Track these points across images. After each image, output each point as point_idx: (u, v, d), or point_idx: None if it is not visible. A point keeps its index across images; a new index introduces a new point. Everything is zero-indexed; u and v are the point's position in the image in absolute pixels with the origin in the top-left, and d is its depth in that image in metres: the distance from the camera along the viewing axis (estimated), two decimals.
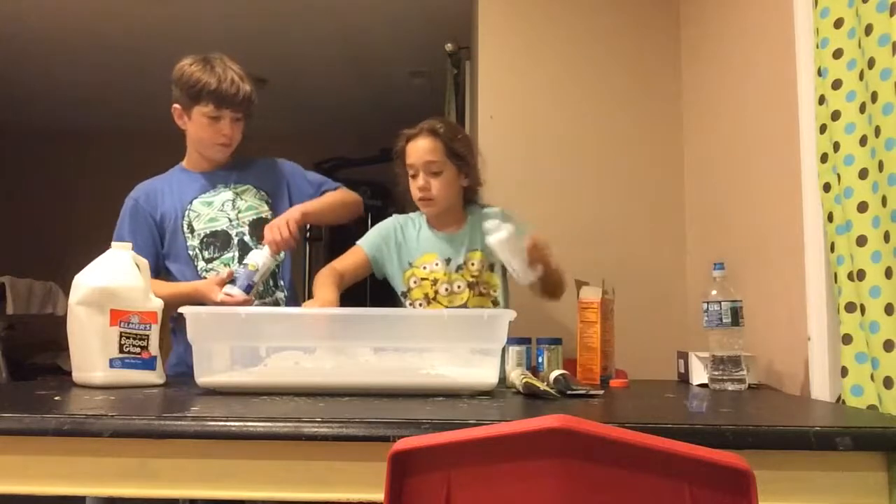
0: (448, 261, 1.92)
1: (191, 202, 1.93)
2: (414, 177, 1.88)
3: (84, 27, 3.67)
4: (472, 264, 1.92)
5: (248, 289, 1.73)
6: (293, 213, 1.84)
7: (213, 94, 1.85)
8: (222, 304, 1.70)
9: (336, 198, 2.01)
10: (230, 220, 1.92)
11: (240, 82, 1.88)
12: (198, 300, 1.72)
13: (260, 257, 1.77)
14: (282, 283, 1.96)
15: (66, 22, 3.61)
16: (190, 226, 1.91)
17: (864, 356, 1.27)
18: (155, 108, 4.85)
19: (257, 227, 1.91)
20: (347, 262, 1.92)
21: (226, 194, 1.94)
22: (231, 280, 1.75)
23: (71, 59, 4.08)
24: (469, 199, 1.99)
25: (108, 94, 4.68)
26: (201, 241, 1.90)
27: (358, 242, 1.96)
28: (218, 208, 1.93)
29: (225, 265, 1.88)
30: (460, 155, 1.89)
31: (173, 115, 1.91)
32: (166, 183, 1.96)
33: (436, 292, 1.90)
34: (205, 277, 1.88)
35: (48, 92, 4.66)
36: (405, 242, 1.95)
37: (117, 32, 3.74)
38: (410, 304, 1.92)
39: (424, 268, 1.92)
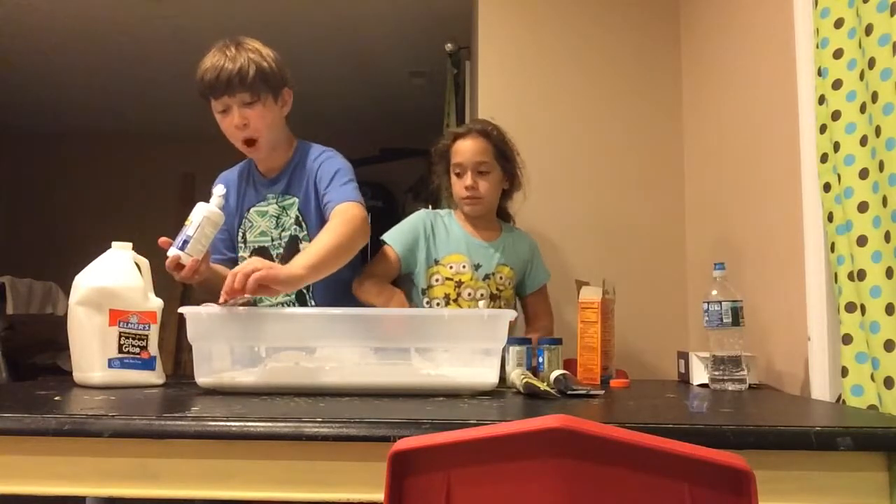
0: (477, 267, 1.92)
1: (248, 210, 1.83)
2: (459, 175, 1.90)
3: (84, 30, 3.67)
4: (500, 277, 1.93)
5: (182, 245, 1.50)
6: (263, 273, 1.37)
7: (204, 86, 1.67)
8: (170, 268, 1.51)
9: (331, 240, 1.54)
10: (272, 240, 1.80)
11: (233, 62, 1.64)
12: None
13: (198, 211, 1.52)
14: (312, 303, 1.79)
15: (67, 24, 3.61)
16: (244, 236, 1.83)
17: (864, 356, 1.27)
18: (154, 111, 4.90)
19: (290, 245, 1.79)
20: (382, 265, 1.89)
21: (273, 207, 1.80)
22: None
23: (72, 61, 4.08)
24: (502, 205, 2.01)
25: (108, 97, 4.68)
26: (251, 255, 1.79)
27: (387, 240, 1.91)
28: (267, 221, 1.80)
29: None
30: (508, 158, 1.93)
31: None
32: (236, 177, 1.86)
33: (458, 294, 1.89)
34: None
35: (49, 93, 4.66)
36: (434, 238, 1.94)
37: (117, 35, 3.73)
38: (428, 302, 1.90)
39: (450, 267, 1.91)
